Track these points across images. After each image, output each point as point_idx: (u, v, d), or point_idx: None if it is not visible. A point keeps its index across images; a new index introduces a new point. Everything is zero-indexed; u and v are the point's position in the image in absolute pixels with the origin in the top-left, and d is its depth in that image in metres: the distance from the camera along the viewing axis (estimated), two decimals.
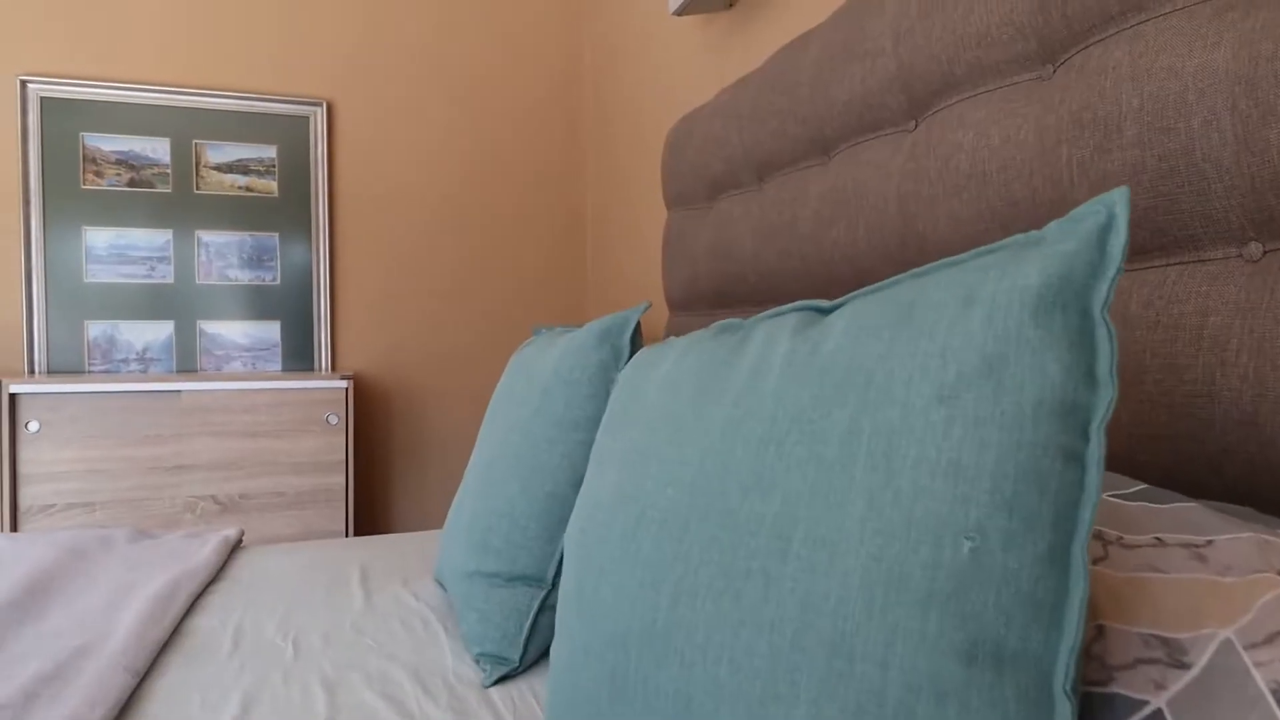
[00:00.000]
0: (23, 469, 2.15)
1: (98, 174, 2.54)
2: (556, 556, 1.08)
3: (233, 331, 2.66)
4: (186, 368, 2.61)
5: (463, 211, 2.90)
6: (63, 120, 2.50)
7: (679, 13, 1.89)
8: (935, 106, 1.10)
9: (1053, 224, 0.50)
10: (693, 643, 0.51)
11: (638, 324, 1.14)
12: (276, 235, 2.70)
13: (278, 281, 2.70)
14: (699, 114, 1.82)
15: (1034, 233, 0.50)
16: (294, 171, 2.71)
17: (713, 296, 1.75)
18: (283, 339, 2.70)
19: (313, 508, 2.38)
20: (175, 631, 1.17)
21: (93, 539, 1.54)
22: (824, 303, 0.61)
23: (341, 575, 1.44)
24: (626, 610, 0.57)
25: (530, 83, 2.97)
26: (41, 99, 2.48)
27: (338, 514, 2.41)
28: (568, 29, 3.01)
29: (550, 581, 1.07)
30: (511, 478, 1.13)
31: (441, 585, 1.38)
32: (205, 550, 1.52)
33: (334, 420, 2.39)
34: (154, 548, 1.56)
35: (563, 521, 1.08)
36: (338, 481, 2.41)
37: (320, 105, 2.72)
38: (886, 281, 0.55)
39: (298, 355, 2.71)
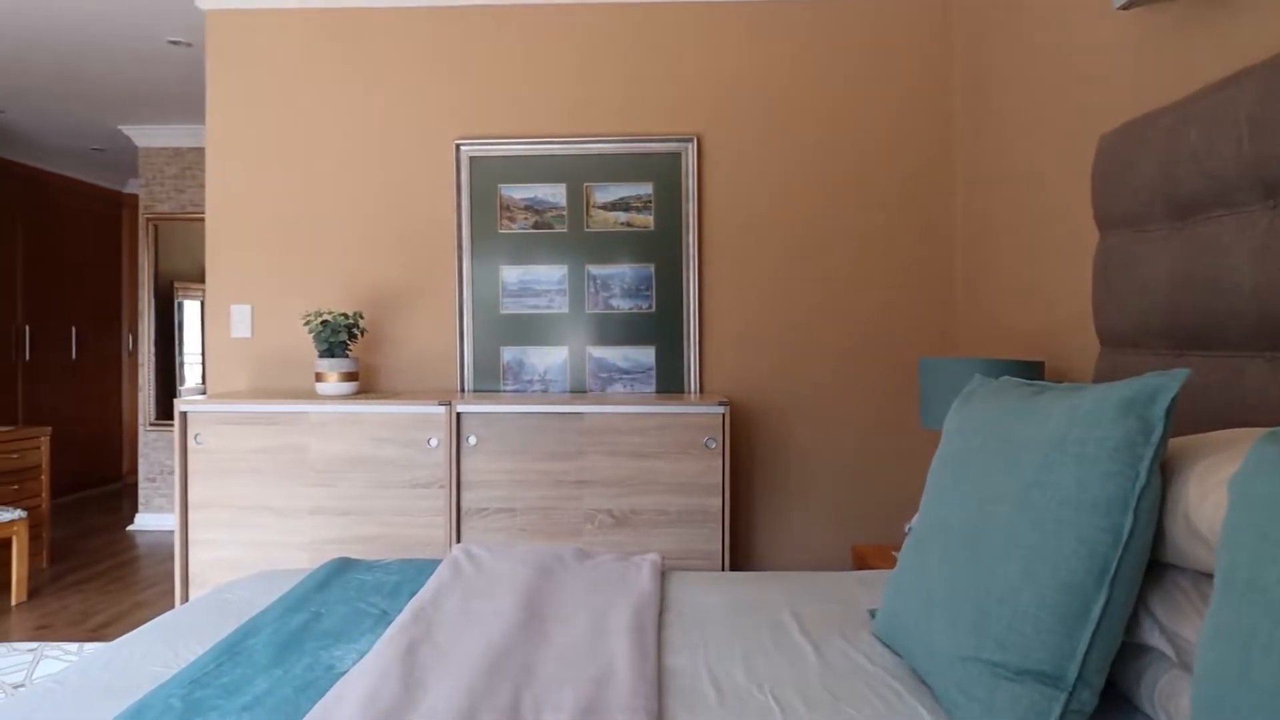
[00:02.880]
0: (464, 477, 2.54)
1: (510, 219, 2.92)
2: (1079, 655, 0.96)
3: (614, 356, 2.90)
4: (577, 389, 2.90)
5: (825, 236, 2.86)
6: (485, 175, 2.91)
7: (1127, 6, 1.64)
8: None
9: None
10: None
11: (1174, 396, 0.98)
12: (652, 266, 2.89)
13: (653, 309, 2.89)
14: (1155, 120, 1.57)
15: None
16: (668, 205, 2.88)
17: (1181, 335, 1.50)
18: (656, 363, 2.89)
19: (692, 527, 2.50)
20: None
21: (550, 557, 1.74)
22: None
23: (777, 620, 1.46)
24: None
25: (895, 103, 2.84)
26: (470, 158, 2.91)
27: (714, 535, 2.50)
28: (935, 46, 2.83)
29: (1072, 683, 0.96)
30: (1008, 558, 1.04)
31: (887, 645, 1.33)
32: (643, 577, 1.64)
33: (712, 444, 2.49)
34: (597, 569, 1.72)
35: (1083, 616, 0.97)
36: (714, 503, 2.50)
37: (691, 140, 2.86)
38: None
39: (669, 378, 2.88)
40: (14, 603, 3.49)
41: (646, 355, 2.89)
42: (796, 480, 2.87)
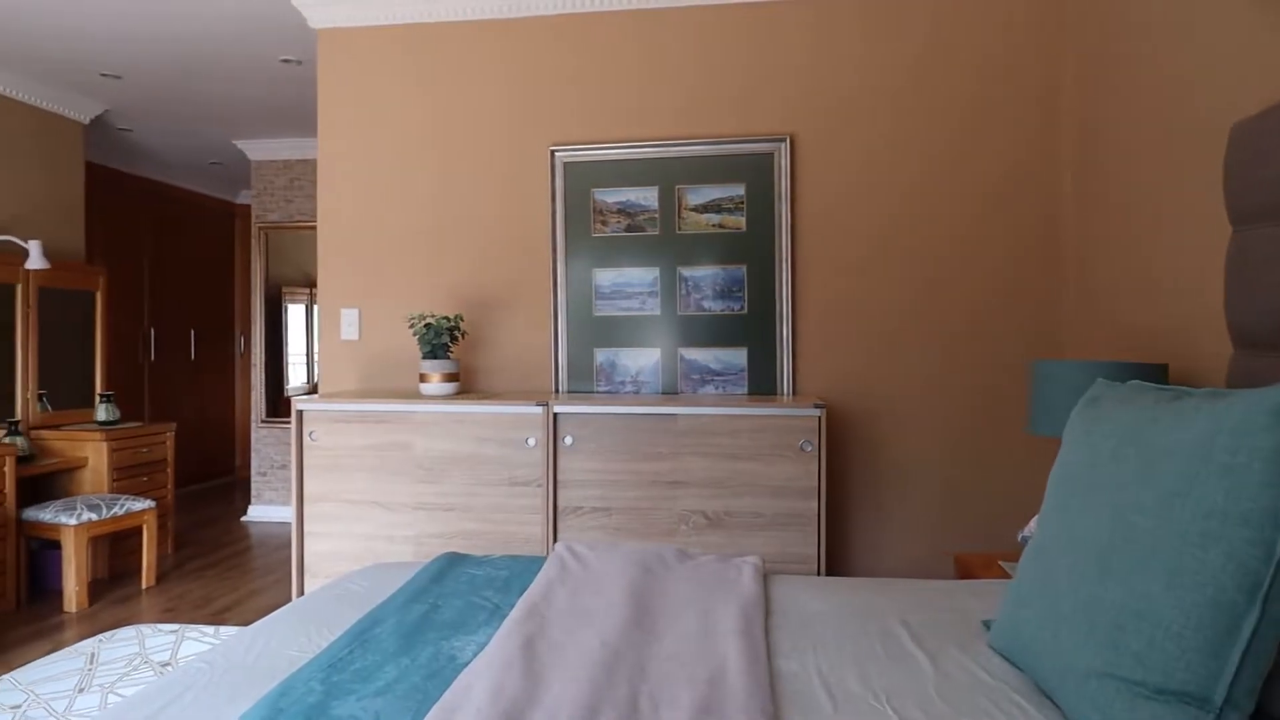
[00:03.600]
0: (561, 476, 2.59)
1: (603, 223, 2.96)
2: (1227, 675, 0.91)
3: (706, 358, 2.90)
4: (669, 390, 2.92)
5: (923, 234, 2.79)
6: (578, 179, 2.97)
7: None
8: None
9: None
10: None
11: None
12: (744, 267, 2.88)
13: (745, 311, 2.88)
14: None
15: None
16: (760, 207, 2.86)
17: None
18: (749, 365, 2.87)
19: (787, 530, 2.48)
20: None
21: (651, 556, 1.77)
22: None
23: (886, 628, 1.44)
24: None
25: (996, 92, 2.74)
26: (564, 163, 2.97)
27: (809, 539, 2.48)
28: (1043, 32, 2.71)
29: (1219, 706, 0.91)
30: (1148, 572, 0.99)
31: (1006, 658, 1.29)
32: (745, 579, 1.64)
33: (808, 447, 2.46)
34: (699, 569, 1.73)
35: (1232, 634, 0.92)
36: (809, 507, 2.47)
37: (784, 140, 2.84)
38: None
39: (761, 380, 2.86)
40: (144, 587, 3.76)
41: (738, 357, 2.89)
42: (894, 485, 2.81)
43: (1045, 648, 1.12)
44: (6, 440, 3.59)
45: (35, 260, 3.76)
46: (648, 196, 2.94)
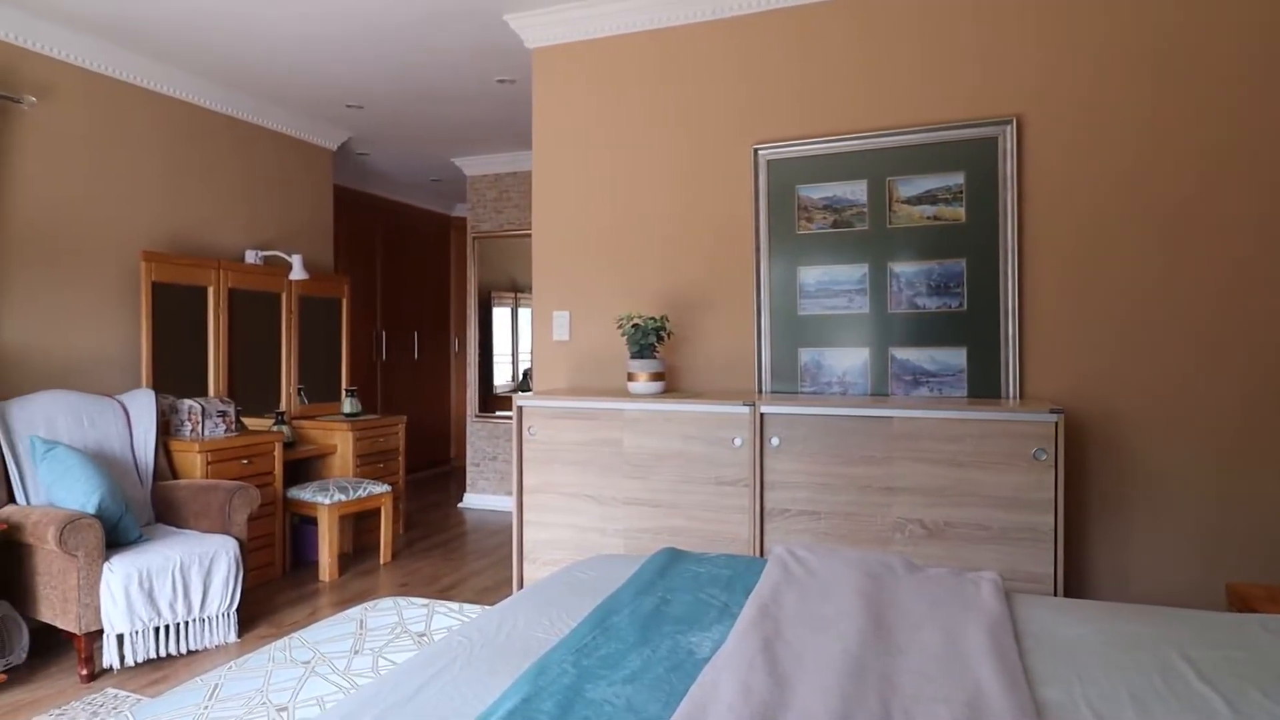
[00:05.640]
0: (767, 476, 2.57)
1: (808, 219, 2.90)
2: None
3: (919, 358, 2.75)
4: (879, 391, 2.80)
5: (1178, 218, 2.46)
6: (782, 177, 2.93)
7: None
8: None
9: None
10: None
11: None
12: (963, 261, 2.70)
13: (964, 308, 2.70)
14: None
15: None
16: (981, 196, 2.67)
17: None
18: (968, 365, 2.69)
19: (1017, 545, 2.29)
20: None
21: (877, 564, 1.70)
22: None
23: (1165, 661, 1.28)
24: None
25: (1269, 57, 2.37)
26: (767, 162, 2.94)
27: (1042, 556, 2.27)
28: None
29: None
30: None
31: None
32: (985, 596, 1.53)
33: (1042, 456, 2.26)
34: (929, 583, 1.64)
35: None
36: (1043, 521, 2.27)
37: (1009, 123, 2.62)
38: None
39: (983, 382, 2.67)
40: (382, 562, 4.19)
41: (956, 357, 2.71)
42: (1144, 500, 2.51)
43: None
44: (275, 429, 4.14)
45: (297, 272, 4.31)
46: (855, 190, 2.84)
